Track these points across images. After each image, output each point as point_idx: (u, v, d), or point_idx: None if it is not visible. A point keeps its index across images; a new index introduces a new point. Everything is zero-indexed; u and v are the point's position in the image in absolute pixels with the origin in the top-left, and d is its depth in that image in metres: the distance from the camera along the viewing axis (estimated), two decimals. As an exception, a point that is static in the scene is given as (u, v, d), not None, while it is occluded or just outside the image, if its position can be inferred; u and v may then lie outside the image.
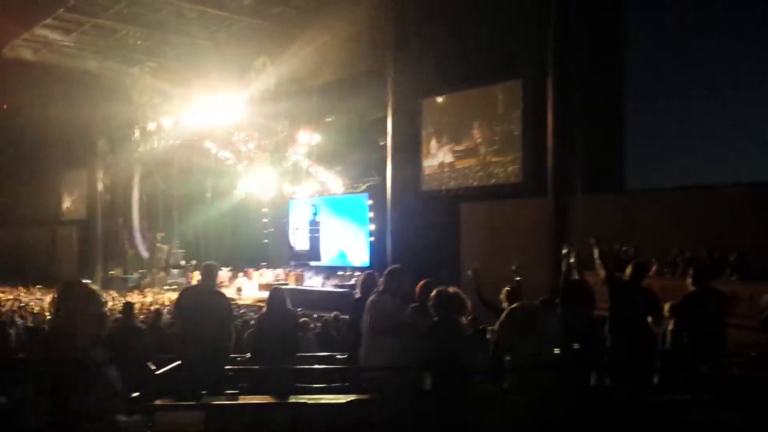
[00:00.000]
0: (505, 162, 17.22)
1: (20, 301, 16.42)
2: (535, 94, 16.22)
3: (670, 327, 6.77)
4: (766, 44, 13.30)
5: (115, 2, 20.74)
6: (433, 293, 5.31)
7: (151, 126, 24.23)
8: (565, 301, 6.11)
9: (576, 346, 5.64)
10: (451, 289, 5.31)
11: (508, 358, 5.49)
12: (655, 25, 14.93)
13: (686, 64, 14.15)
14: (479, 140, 17.86)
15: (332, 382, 6.73)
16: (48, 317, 12.41)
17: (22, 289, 22.77)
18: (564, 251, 7.38)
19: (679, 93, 14.38)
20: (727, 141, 13.56)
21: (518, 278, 7.20)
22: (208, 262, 6.62)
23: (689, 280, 6.23)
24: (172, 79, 24.83)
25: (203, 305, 6.12)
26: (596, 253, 6.62)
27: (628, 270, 6.20)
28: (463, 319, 5.61)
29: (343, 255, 22.58)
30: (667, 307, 7.00)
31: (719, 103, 13.61)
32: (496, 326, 5.66)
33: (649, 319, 6.05)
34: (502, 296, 6.63)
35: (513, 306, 5.70)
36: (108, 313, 12.94)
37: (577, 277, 6.90)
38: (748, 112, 13.27)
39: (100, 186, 28.67)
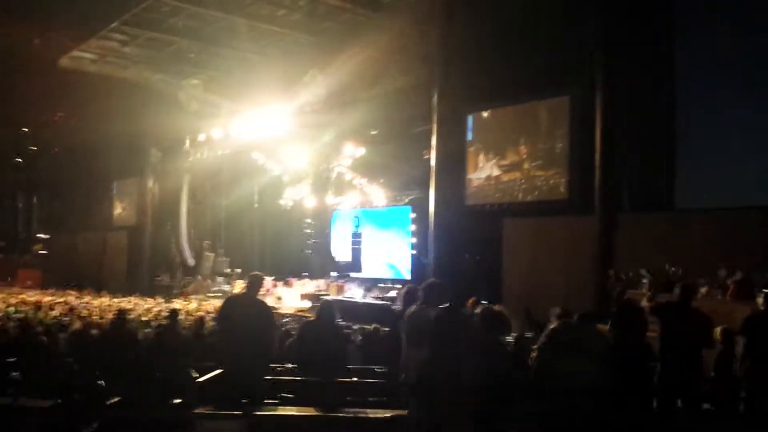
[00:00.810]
0: (551, 178, 17.00)
1: (70, 305, 16.83)
2: (582, 111, 16.00)
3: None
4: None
5: (171, 16, 21.29)
6: (479, 310, 5.30)
7: (201, 137, 24.71)
8: (616, 326, 5.96)
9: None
10: (496, 308, 5.30)
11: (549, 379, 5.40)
12: (708, 40, 14.61)
13: (739, 81, 13.81)
14: (525, 156, 17.69)
15: (371, 395, 6.72)
16: (97, 320, 12.71)
17: (72, 293, 23.35)
18: (611, 273, 7.24)
19: (732, 110, 14.02)
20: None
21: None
22: (254, 272, 6.70)
23: (761, 301, 5.94)
24: (222, 92, 25.34)
25: (247, 314, 6.19)
26: (646, 279, 6.47)
27: (676, 292, 6.03)
28: (507, 338, 5.56)
29: (392, 266, 22.62)
30: (718, 330, 6.80)
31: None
32: (537, 345, 5.58)
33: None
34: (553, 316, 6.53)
35: (555, 325, 5.63)
36: (153, 320, 13.21)
37: (626, 298, 6.73)
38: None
39: (150, 194, 29.30)
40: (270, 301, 18.01)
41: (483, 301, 5.75)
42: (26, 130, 34.13)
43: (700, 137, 14.71)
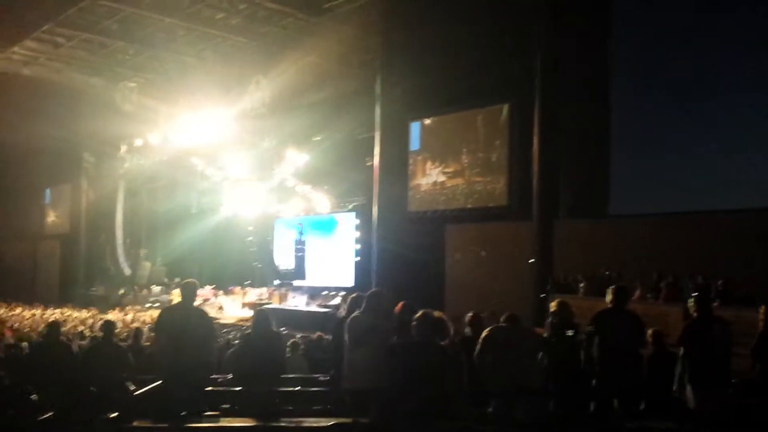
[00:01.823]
0: (492, 184, 17.31)
1: (1, 317, 16.17)
2: (521, 118, 16.36)
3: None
4: (748, 69, 13.50)
5: (106, 17, 20.72)
6: (419, 314, 5.33)
7: (137, 142, 24.14)
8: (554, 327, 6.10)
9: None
10: (436, 313, 5.35)
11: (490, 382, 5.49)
12: (643, 51, 15.14)
13: (673, 91, 14.34)
14: (466, 162, 17.96)
15: (315, 404, 6.67)
16: (29, 333, 12.25)
17: (3, 304, 22.44)
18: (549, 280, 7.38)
19: (665, 119, 14.56)
20: (712, 168, 13.72)
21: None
22: (187, 280, 6.55)
23: (692, 306, 6.13)
24: (160, 96, 24.82)
25: (184, 324, 6.05)
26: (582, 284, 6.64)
27: (609, 295, 6.20)
28: (445, 342, 5.62)
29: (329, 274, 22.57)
30: (650, 332, 7.02)
31: (702, 131, 13.81)
32: (476, 350, 5.65)
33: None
34: (467, 320, 6.66)
35: (490, 329, 5.72)
36: (87, 332, 12.81)
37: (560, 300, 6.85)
38: (733, 138, 13.45)
39: (84, 201, 28.44)
40: (211, 311, 17.71)
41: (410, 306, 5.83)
42: (-49, 134, 32.66)
43: (635, 145, 15.22)
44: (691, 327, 6.08)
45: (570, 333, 6.03)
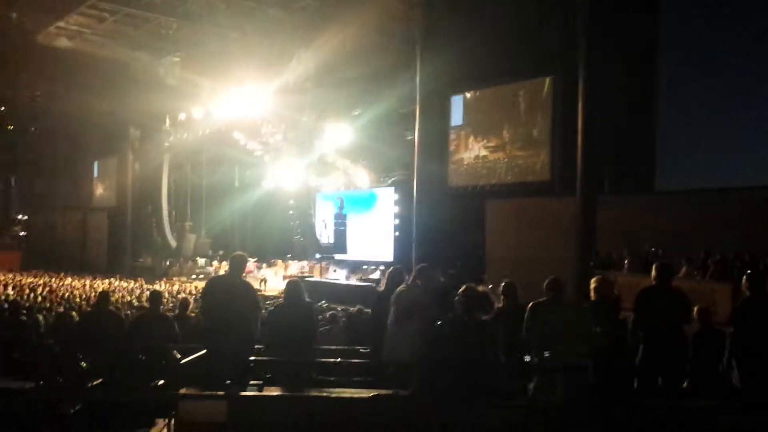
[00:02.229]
0: (534, 159, 17.07)
1: (51, 287, 16.69)
2: (565, 92, 16.03)
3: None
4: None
5: (149, -9, 20.94)
6: (462, 289, 5.31)
7: (181, 116, 24.45)
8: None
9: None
10: (480, 287, 5.32)
11: (533, 357, 5.47)
12: (690, 25, 14.69)
13: (720, 66, 13.91)
14: (508, 137, 17.73)
15: (355, 375, 6.74)
16: (79, 302, 12.63)
17: (53, 274, 23.16)
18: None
19: (712, 95, 14.14)
20: (761, 143, 13.32)
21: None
22: (236, 253, 6.62)
23: (744, 284, 5.97)
24: (202, 70, 25.02)
25: (230, 296, 6.13)
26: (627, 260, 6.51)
27: (653, 272, 6.07)
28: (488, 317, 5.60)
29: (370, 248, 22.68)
30: (696, 309, 6.88)
31: (753, 105, 13.37)
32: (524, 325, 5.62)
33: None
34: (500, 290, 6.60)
35: (535, 304, 5.68)
36: (135, 302, 13.15)
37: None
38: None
39: (130, 174, 29.02)
40: (254, 284, 17.95)
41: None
42: (3, 108, 33.55)
43: (681, 121, 14.84)
44: (743, 306, 5.92)
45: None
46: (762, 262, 10.50)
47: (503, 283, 6.41)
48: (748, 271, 6.24)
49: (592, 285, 6.12)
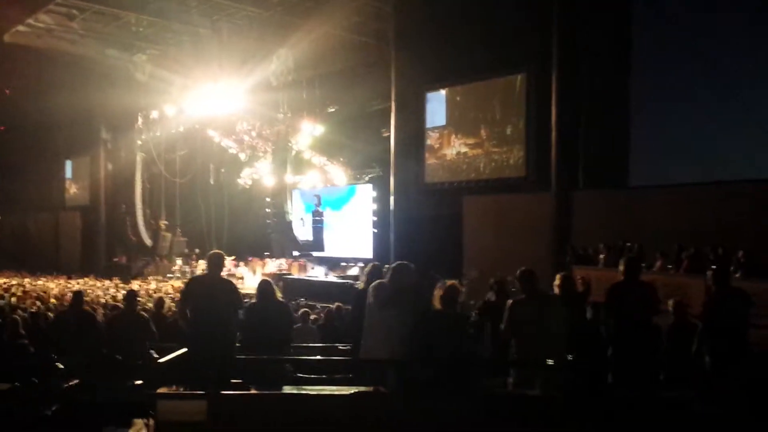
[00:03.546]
0: (509, 155, 17.20)
1: (24, 287, 16.44)
2: (538, 88, 16.17)
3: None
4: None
5: (119, -12, 20.69)
6: (438, 285, 5.37)
7: (153, 113, 24.20)
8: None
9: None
10: (448, 282, 5.39)
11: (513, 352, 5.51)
12: (662, 18, 14.85)
13: (692, 59, 14.09)
14: (484, 133, 17.83)
15: (335, 373, 6.74)
16: (52, 303, 12.45)
17: (26, 275, 22.81)
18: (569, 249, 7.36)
19: (685, 88, 14.33)
20: (733, 137, 13.53)
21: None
22: (213, 251, 6.58)
23: (709, 279, 6.11)
24: (174, 67, 24.78)
25: (212, 294, 6.10)
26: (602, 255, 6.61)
27: (621, 267, 6.18)
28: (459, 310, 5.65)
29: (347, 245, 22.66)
30: (671, 302, 6.99)
31: (725, 99, 13.57)
32: (503, 320, 5.66)
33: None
34: (491, 285, 6.69)
35: (514, 300, 5.73)
36: (110, 302, 13.00)
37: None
38: (753, 107, 13.22)
39: (103, 173, 28.68)
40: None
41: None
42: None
43: (654, 115, 15.01)
44: (709, 302, 6.08)
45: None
46: (736, 255, 10.67)
47: (494, 278, 6.47)
48: (712, 267, 6.38)
49: (556, 283, 6.30)
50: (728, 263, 9.57)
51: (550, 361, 5.35)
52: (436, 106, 18.99)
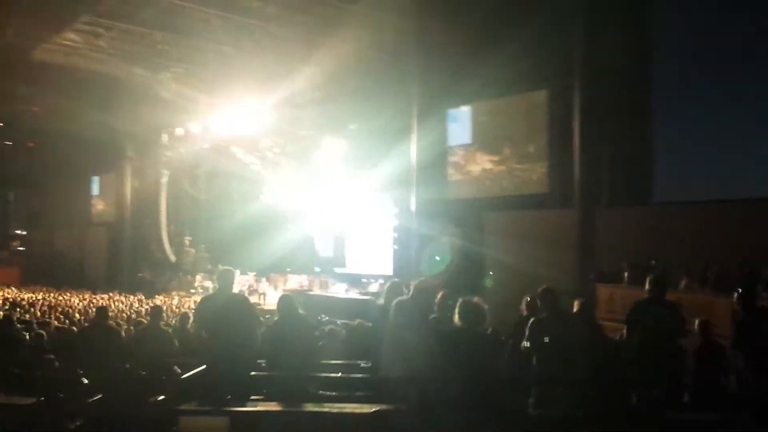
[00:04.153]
0: (532, 172, 17.12)
1: (50, 302, 16.65)
2: (561, 105, 16.11)
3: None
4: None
5: (144, 6, 21.02)
6: (459, 302, 5.32)
7: (179, 131, 24.51)
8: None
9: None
10: (474, 299, 5.33)
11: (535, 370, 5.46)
12: (683, 37, 14.77)
13: (714, 77, 13.97)
14: (507, 150, 17.79)
15: (356, 390, 6.72)
16: (76, 318, 12.59)
17: (52, 290, 23.11)
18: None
19: (707, 106, 14.20)
20: (755, 155, 13.35)
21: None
22: (223, 268, 6.59)
23: (736, 303, 6.02)
24: (199, 85, 25.11)
25: (225, 313, 6.12)
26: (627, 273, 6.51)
27: (647, 285, 6.08)
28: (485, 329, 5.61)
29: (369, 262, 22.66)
30: (697, 322, 6.88)
31: (748, 115, 13.42)
32: (525, 338, 5.61)
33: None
34: (522, 306, 6.63)
35: (536, 318, 5.67)
36: (134, 316, 13.12)
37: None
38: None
39: (128, 189, 29.05)
40: (253, 298, 17.96)
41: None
42: (1, 124, 33.59)
43: (677, 132, 14.89)
44: (737, 323, 5.98)
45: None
46: (762, 273, 10.50)
47: (541, 289, 6.29)
48: (738, 290, 6.28)
49: (575, 309, 6.18)
50: (755, 282, 9.42)
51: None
52: (463, 122, 18.97)
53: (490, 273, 15.96)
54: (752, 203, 13.05)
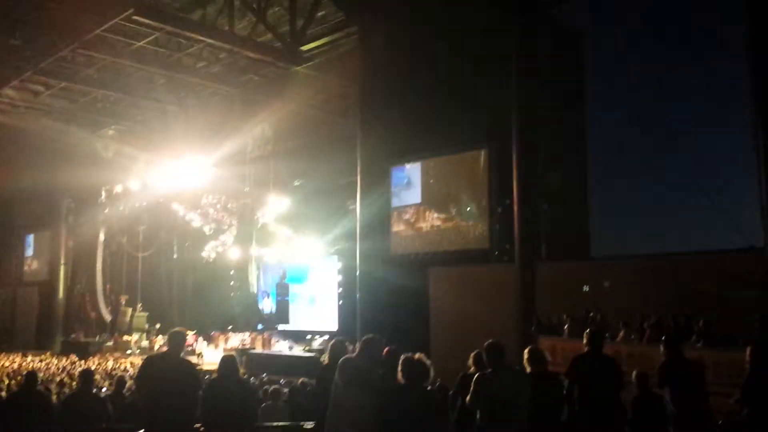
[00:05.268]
0: (475, 228, 17.43)
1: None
2: (500, 163, 16.57)
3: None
4: (725, 113, 13.83)
5: (85, 66, 20.89)
6: (402, 359, 5.30)
7: (117, 188, 24.08)
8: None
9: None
10: (416, 355, 5.32)
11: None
12: (618, 94, 15.49)
13: (651, 130, 14.58)
14: (448, 206, 18.10)
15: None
16: (7, 382, 11.98)
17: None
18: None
19: (643, 162, 14.82)
20: (692, 208, 13.93)
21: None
22: (174, 330, 6.42)
23: (662, 349, 6.22)
24: (140, 143, 24.89)
25: (170, 375, 5.92)
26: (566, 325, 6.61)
27: (585, 339, 6.19)
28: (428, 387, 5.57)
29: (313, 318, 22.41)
30: (634, 374, 7.03)
31: (682, 173, 14.05)
32: (470, 394, 5.60)
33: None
34: (470, 361, 6.63)
35: (481, 374, 5.68)
36: (66, 380, 12.56)
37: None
38: (712, 179, 13.70)
39: (63, 247, 28.22)
40: (192, 358, 17.45)
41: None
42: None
43: (613, 189, 15.46)
44: (662, 370, 6.18)
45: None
46: (696, 324, 10.85)
47: (528, 349, 6.24)
48: (663, 338, 6.49)
49: (525, 357, 6.13)
50: (683, 332, 9.74)
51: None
52: (413, 180, 19.16)
53: None
54: (686, 256, 13.56)
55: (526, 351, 6.16)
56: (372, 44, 17.94)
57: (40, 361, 18.93)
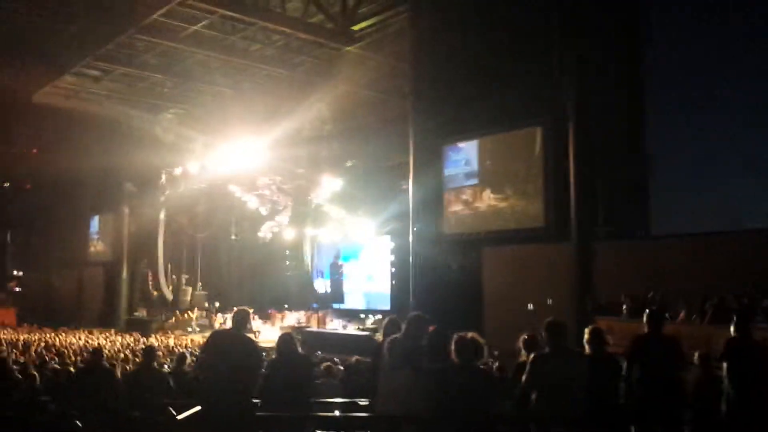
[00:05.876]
0: (529, 206, 17.15)
1: (46, 343, 16.52)
2: (555, 140, 16.21)
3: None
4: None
5: (143, 51, 21.35)
6: (455, 338, 5.26)
7: (177, 171, 24.67)
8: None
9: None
10: (469, 335, 5.26)
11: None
12: (677, 69, 14.96)
13: (709, 107, 14.11)
14: (504, 185, 17.83)
15: (355, 429, 6.63)
16: (74, 359, 12.47)
17: (48, 330, 22.96)
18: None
19: (703, 137, 14.32)
20: (754, 184, 13.43)
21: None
22: (241, 308, 6.54)
23: (732, 329, 6.02)
24: (198, 126, 25.38)
25: (233, 351, 6.05)
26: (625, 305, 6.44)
27: (644, 319, 6.02)
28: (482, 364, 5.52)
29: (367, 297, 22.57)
30: (696, 355, 6.85)
31: (743, 145, 13.54)
32: (525, 374, 5.51)
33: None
34: (520, 343, 6.52)
35: (535, 355, 5.58)
36: (130, 356, 13.01)
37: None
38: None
39: (126, 229, 29.09)
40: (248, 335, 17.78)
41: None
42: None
43: (672, 164, 14.98)
44: (727, 352, 5.98)
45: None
46: (760, 304, 10.48)
47: (590, 328, 6.08)
48: (734, 318, 6.27)
49: (586, 336, 5.94)
50: (749, 313, 9.38)
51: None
52: (470, 160, 18.82)
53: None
54: (749, 234, 13.09)
55: (587, 330, 5.90)
56: (422, 22, 17.79)
57: (105, 338, 19.62)
